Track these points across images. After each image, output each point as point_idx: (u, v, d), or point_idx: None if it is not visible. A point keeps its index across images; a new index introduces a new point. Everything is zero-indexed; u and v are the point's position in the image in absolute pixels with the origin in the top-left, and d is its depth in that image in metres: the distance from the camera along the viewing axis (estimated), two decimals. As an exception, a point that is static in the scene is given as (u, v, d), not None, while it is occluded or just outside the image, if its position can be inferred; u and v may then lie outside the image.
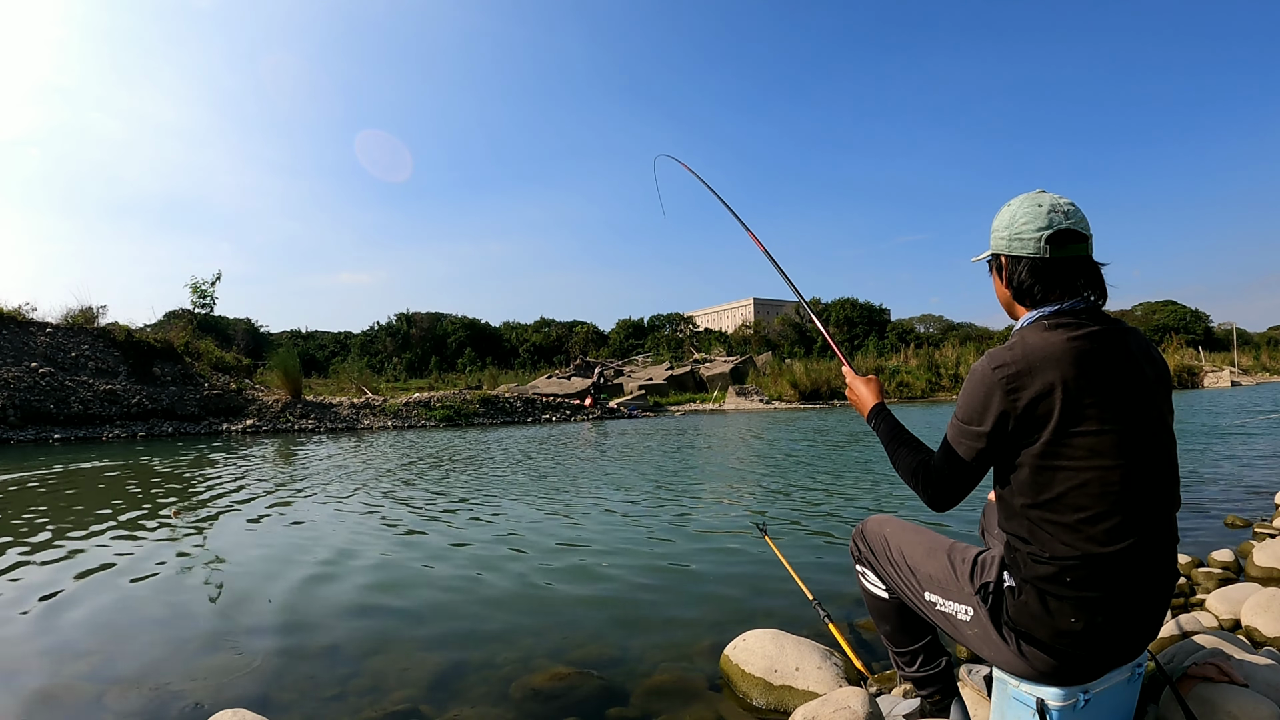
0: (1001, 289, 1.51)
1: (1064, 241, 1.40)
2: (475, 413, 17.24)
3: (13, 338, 14.52)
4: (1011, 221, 1.45)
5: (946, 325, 63.66)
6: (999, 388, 1.32)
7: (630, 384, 26.21)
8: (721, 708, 2.10)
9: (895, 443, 1.59)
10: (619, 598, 3.16)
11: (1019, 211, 1.45)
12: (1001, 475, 1.40)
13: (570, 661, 2.42)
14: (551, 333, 58.12)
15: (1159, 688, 1.69)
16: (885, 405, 1.73)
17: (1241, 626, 2.38)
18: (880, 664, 2.29)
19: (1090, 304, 1.41)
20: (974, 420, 1.37)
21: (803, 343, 49.27)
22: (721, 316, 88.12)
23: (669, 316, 61.44)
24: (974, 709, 1.79)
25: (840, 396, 24.75)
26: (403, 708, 2.11)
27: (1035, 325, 1.39)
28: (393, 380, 32.16)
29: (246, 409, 15.82)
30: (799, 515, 4.86)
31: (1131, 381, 1.34)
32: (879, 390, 1.79)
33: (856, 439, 10.93)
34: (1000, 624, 1.40)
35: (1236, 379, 30.96)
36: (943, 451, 1.45)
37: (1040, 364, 1.31)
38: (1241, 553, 3.47)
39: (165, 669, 2.41)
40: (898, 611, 1.71)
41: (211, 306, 28.95)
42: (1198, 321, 60.61)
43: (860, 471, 7.16)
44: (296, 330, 55.34)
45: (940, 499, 1.46)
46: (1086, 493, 1.28)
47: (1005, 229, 1.47)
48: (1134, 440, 1.31)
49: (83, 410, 13.70)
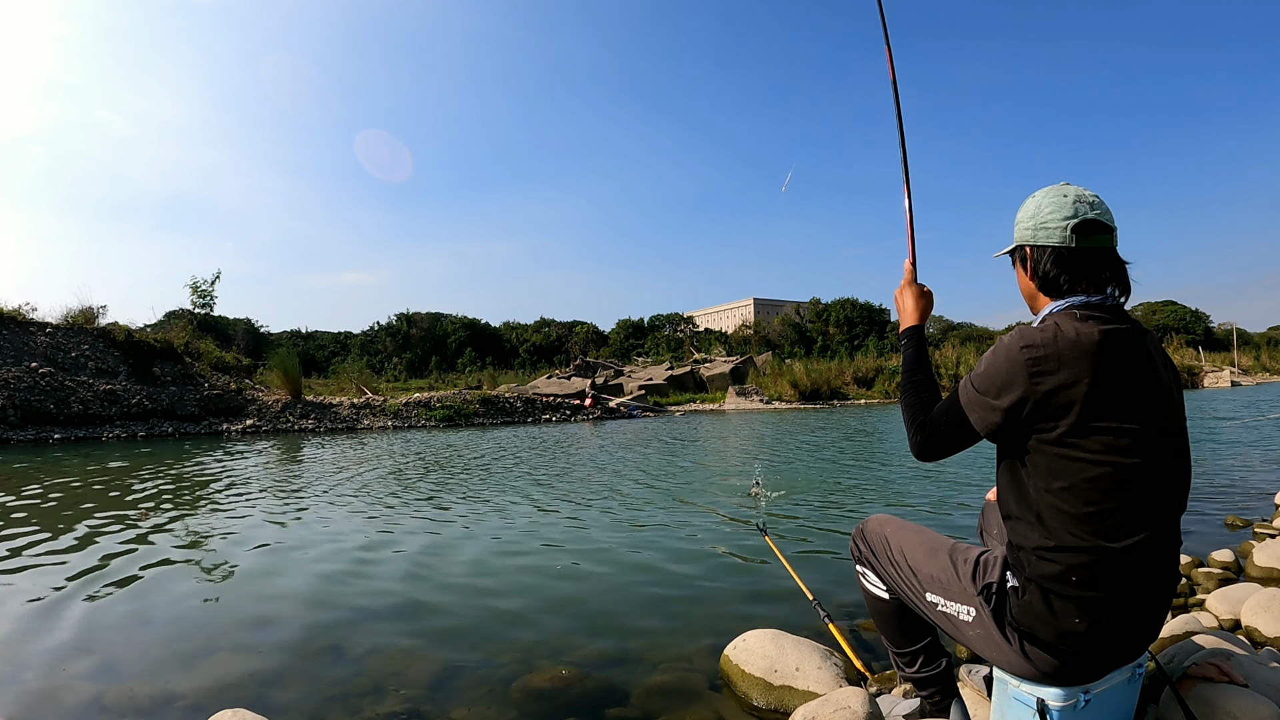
0: (1025, 281, 1.50)
1: (1089, 231, 1.39)
2: (475, 413, 17.23)
3: (13, 338, 14.52)
4: (1037, 211, 1.45)
5: (947, 325, 63.63)
6: (1024, 369, 1.31)
7: (630, 384, 26.21)
8: (721, 708, 2.10)
9: (913, 375, 1.61)
10: (619, 598, 3.16)
11: (1044, 202, 1.45)
12: (1013, 455, 1.38)
13: (570, 661, 2.42)
14: (551, 333, 58.12)
15: (1159, 688, 1.69)
16: (923, 330, 1.74)
17: (1241, 626, 2.38)
18: (880, 664, 2.29)
19: (1116, 301, 1.41)
20: (990, 393, 1.35)
21: (803, 343, 49.32)
22: (721, 316, 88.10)
23: (669, 316, 61.44)
24: (974, 709, 1.79)
25: (840, 396, 24.75)
26: (403, 708, 2.11)
27: (1066, 313, 1.37)
28: (393, 380, 32.15)
29: (246, 409, 15.81)
30: (799, 515, 4.85)
31: (1153, 383, 1.34)
32: (926, 312, 1.79)
33: (856, 438, 10.93)
34: (1003, 625, 1.40)
35: (1236, 379, 30.97)
36: (949, 410, 1.44)
37: (1070, 354, 1.29)
38: (1241, 553, 3.47)
39: (165, 669, 2.41)
40: (898, 612, 1.71)
41: (211, 306, 29.01)
42: (1198, 321, 60.62)
43: (861, 471, 7.16)
44: (296, 330, 55.33)
45: (930, 452, 1.48)
46: (1099, 487, 1.28)
47: (1031, 219, 1.46)
48: (1150, 440, 1.30)
49: (83, 410, 13.70)
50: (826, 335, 52.63)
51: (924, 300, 1.79)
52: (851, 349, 41.80)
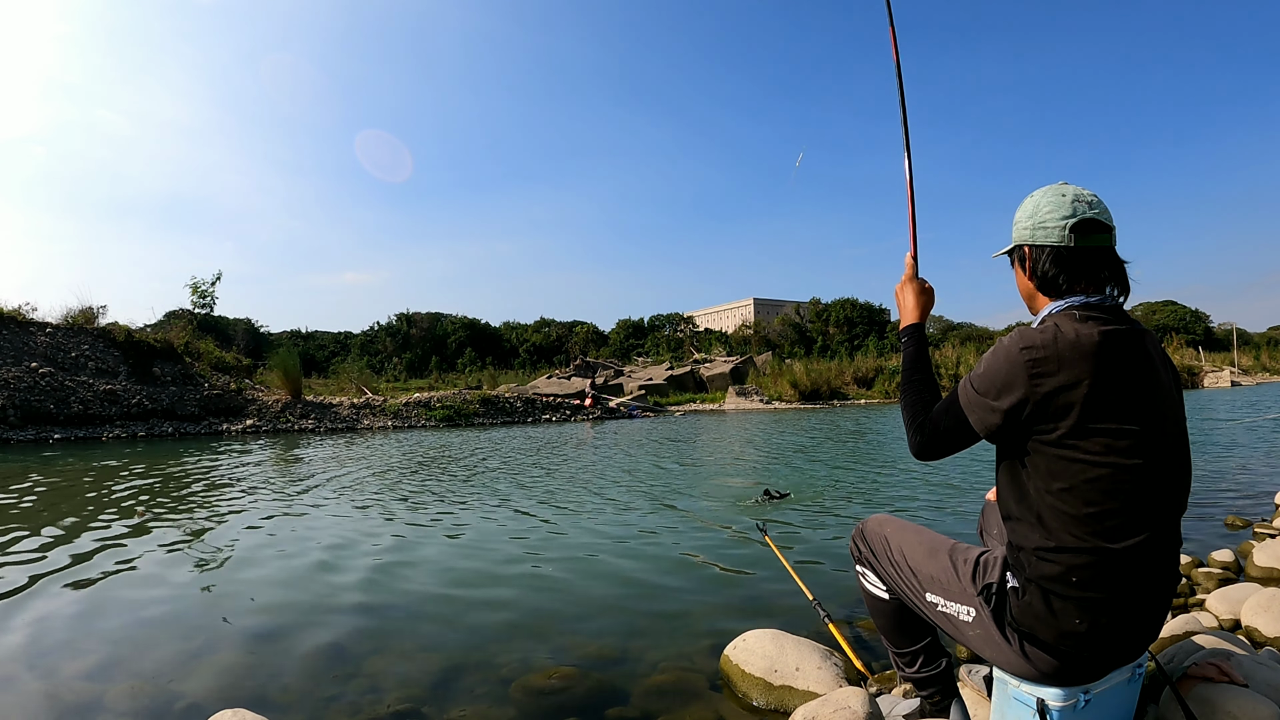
0: (1024, 281, 1.49)
1: (1088, 230, 1.39)
2: (475, 413, 17.24)
3: (13, 338, 14.52)
4: (1035, 211, 1.45)
5: (947, 325, 63.65)
6: (1024, 371, 1.30)
7: (630, 384, 26.21)
8: (721, 708, 2.10)
9: (912, 375, 1.60)
10: (619, 597, 3.16)
11: (1042, 201, 1.45)
12: (1013, 456, 1.38)
13: (570, 661, 2.42)
14: (551, 333, 58.14)
15: (1159, 688, 1.69)
16: (923, 328, 1.74)
17: (1241, 626, 2.38)
18: (880, 664, 2.29)
19: (1115, 301, 1.41)
20: (990, 395, 1.35)
21: (803, 343, 49.32)
22: (721, 316, 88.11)
23: (669, 316, 61.46)
24: (974, 709, 1.79)
25: (840, 397, 24.74)
26: (403, 708, 2.11)
27: (1066, 313, 1.37)
28: (393, 380, 32.16)
29: (246, 409, 15.82)
30: (799, 515, 4.85)
31: (1152, 383, 1.33)
32: (927, 309, 1.77)
33: (856, 438, 10.93)
34: (1003, 625, 1.40)
35: (1236, 379, 30.98)
36: (949, 411, 1.44)
37: (1070, 355, 1.29)
38: (1241, 553, 3.47)
39: (165, 669, 2.41)
40: (898, 612, 1.71)
41: (211, 306, 29.03)
42: (1198, 321, 60.65)
43: (861, 471, 7.16)
44: (296, 330, 55.40)
45: (929, 452, 1.48)
46: (1099, 488, 1.28)
47: (1029, 219, 1.46)
48: (1150, 441, 1.30)
49: (83, 410, 13.70)
50: (826, 335, 52.65)
51: (925, 297, 1.78)
52: (851, 349, 41.81)
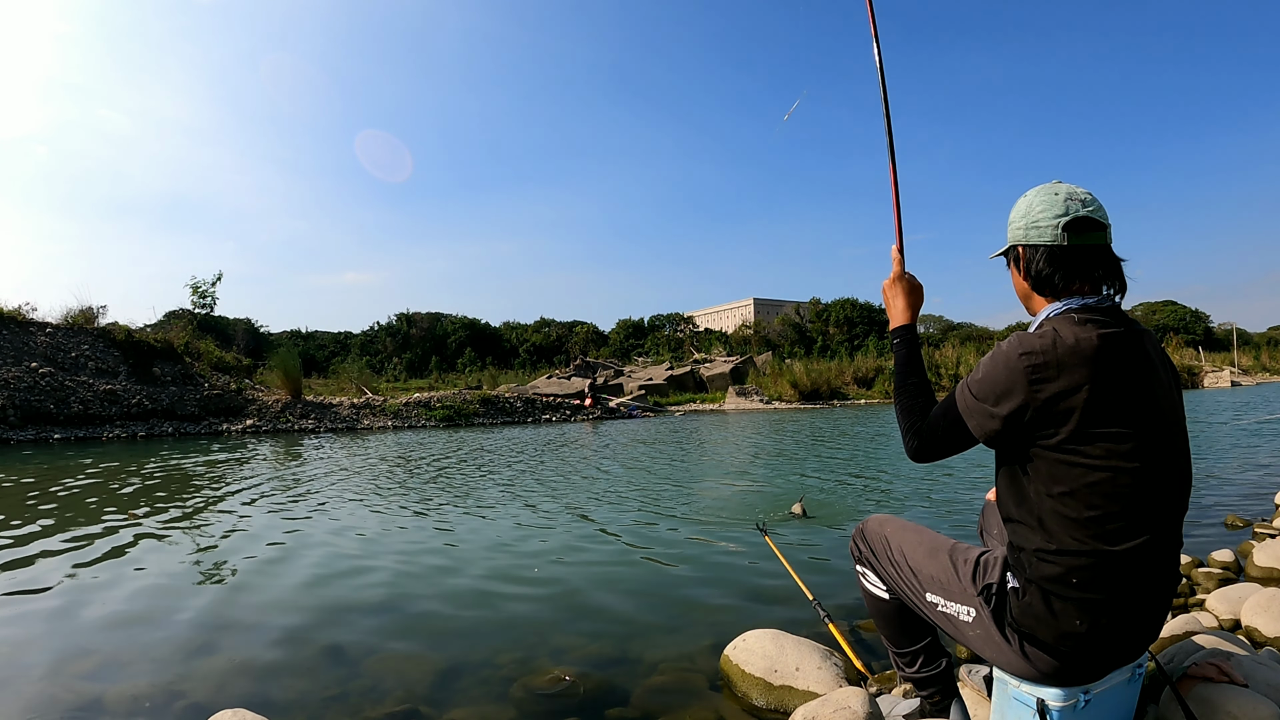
0: (1020, 281, 1.49)
1: (1082, 229, 1.39)
2: (475, 413, 17.23)
3: (13, 338, 14.52)
4: (1029, 210, 1.45)
5: (947, 325, 63.64)
6: (1023, 376, 1.30)
7: (630, 384, 26.21)
8: (721, 708, 2.10)
9: (907, 376, 1.59)
10: (619, 597, 3.16)
11: (1035, 201, 1.44)
12: (1013, 460, 1.38)
13: (571, 661, 2.42)
14: (551, 333, 58.10)
15: (1159, 688, 1.69)
16: (914, 328, 1.72)
17: (1241, 626, 2.38)
18: (880, 664, 2.29)
19: (1113, 300, 1.41)
20: (989, 400, 1.34)
21: (803, 343, 49.30)
22: (721, 316, 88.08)
23: (669, 316, 61.42)
24: (974, 709, 1.79)
25: (840, 396, 24.75)
26: (403, 708, 2.11)
27: (1064, 317, 1.36)
28: (393, 380, 32.13)
29: (246, 409, 15.81)
30: (799, 515, 4.85)
31: (1152, 385, 1.33)
32: (917, 307, 1.75)
33: (856, 438, 10.93)
34: (1003, 625, 1.40)
35: (1236, 379, 30.98)
36: (946, 414, 1.43)
37: (1069, 360, 1.28)
38: (1241, 553, 3.47)
39: (165, 669, 2.41)
40: (898, 612, 1.71)
41: (212, 306, 29.00)
42: (1198, 321, 60.60)
43: (860, 471, 7.16)
44: (296, 330, 55.29)
45: (925, 456, 1.48)
46: (1100, 491, 1.27)
47: (1022, 219, 1.46)
48: (1151, 444, 1.30)
49: (83, 410, 13.69)
50: (826, 335, 52.62)
51: (915, 295, 1.76)
52: (851, 349, 41.77)
